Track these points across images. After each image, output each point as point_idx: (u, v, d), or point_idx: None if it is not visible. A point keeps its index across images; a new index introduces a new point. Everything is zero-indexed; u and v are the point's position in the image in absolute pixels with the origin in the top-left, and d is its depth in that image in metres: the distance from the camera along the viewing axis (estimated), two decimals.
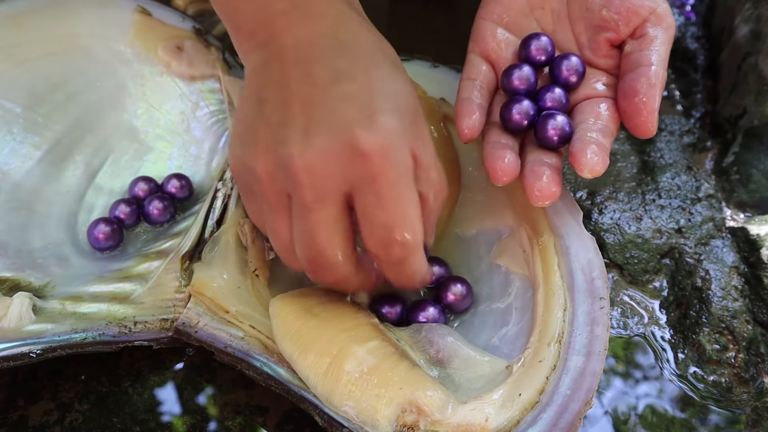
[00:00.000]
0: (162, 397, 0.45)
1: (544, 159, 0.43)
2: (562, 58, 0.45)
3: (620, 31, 0.45)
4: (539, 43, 0.46)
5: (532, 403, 0.40)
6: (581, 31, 0.47)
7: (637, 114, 0.42)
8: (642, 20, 0.44)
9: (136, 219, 0.52)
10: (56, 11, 0.55)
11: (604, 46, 0.46)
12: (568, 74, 0.45)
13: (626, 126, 0.43)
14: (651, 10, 0.44)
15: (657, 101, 0.42)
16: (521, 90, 0.45)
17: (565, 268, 0.44)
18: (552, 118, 0.43)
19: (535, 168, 0.42)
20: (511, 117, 0.44)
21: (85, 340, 0.43)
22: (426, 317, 0.45)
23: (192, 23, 0.58)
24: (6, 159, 0.52)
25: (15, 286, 0.47)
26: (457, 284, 0.45)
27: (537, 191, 0.41)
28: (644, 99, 0.42)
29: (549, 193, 0.41)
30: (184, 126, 0.56)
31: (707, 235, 0.52)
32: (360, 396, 0.39)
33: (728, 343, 0.47)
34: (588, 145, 0.41)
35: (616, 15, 0.45)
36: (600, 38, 0.46)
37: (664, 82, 0.43)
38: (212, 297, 0.45)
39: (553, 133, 0.43)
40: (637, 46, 0.44)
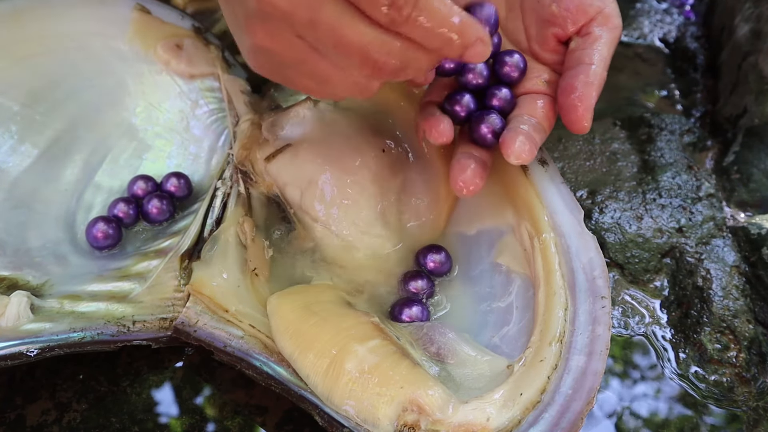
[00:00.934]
0: (161, 397, 0.45)
1: (473, 152, 0.45)
2: (505, 54, 0.46)
3: (567, 27, 0.45)
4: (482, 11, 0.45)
5: (534, 403, 0.39)
6: (531, 23, 0.47)
7: (572, 110, 0.43)
8: (589, 19, 0.45)
9: (134, 218, 0.52)
10: (55, 9, 0.54)
11: (551, 41, 0.46)
12: (509, 70, 0.46)
13: (563, 121, 0.44)
14: (599, 10, 0.45)
15: (593, 99, 0.43)
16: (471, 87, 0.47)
17: (566, 267, 0.44)
18: (486, 115, 0.44)
19: (462, 160, 0.44)
20: (453, 110, 0.46)
21: (84, 340, 0.43)
22: (410, 316, 0.45)
23: (191, 21, 0.58)
24: (4, 157, 0.51)
25: (13, 285, 0.47)
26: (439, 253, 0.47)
27: (461, 182, 0.43)
28: (580, 96, 0.43)
29: (472, 183, 0.43)
30: (183, 124, 0.56)
31: (708, 235, 0.52)
32: (361, 395, 0.39)
33: (729, 343, 0.47)
34: (518, 135, 0.42)
35: (565, 12, 0.45)
36: (547, 33, 0.46)
37: (603, 81, 0.44)
38: (211, 296, 0.44)
39: (486, 131, 0.44)
40: (581, 44, 0.45)
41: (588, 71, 0.44)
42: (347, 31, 0.35)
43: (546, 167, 0.47)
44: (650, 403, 0.45)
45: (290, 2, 0.35)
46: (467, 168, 0.44)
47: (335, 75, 0.38)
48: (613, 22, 0.45)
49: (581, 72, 0.44)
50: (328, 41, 0.36)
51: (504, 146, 0.42)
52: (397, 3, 0.34)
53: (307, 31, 0.36)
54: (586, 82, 0.43)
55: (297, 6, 0.35)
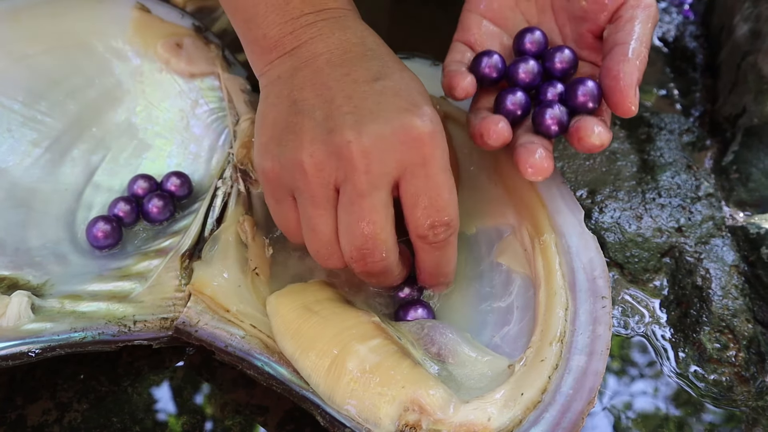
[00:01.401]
0: (162, 397, 0.45)
1: (534, 140, 0.43)
2: (555, 50, 0.45)
3: (599, 20, 0.45)
4: (533, 37, 0.46)
5: (535, 403, 0.40)
6: (564, 22, 0.47)
7: (613, 93, 0.41)
8: (618, 5, 0.44)
9: (135, 217, 0.52)
10: (55, 8, 0.54)
11: (587, 38, 0.46)
12: (561, 66, 0.45)
13: (608, 105, 0.43)
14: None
15: (635, 77, 0.41)
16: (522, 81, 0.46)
17: (566, 267, 0.44)
18: (549, 107, 0.43)
19: (527, 145, 0.42)
20: (506, 106, 0.44)
21: (85, 340, 0.43)
22: (414, 317, 0.45)
23: (191, 20, 0.58)
24: (4, 156, 0.51)
25: (13, 285, 0.47)
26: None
27: (530, 167, 0.41)
28: (621, 76, 0.41)
29: (542, 168, 0.41)
30: (183, 123, 0.56)
31: (707, 234, 0.52)
32: (362, 394, 0.39)
33: (729, 342, 0.47)
34: (591, 122, 0.41)
35: (594, 4, 0.44)
36: (582, 29, 0.46)
37: (644, 60, 0.42)
38: (212, 296, 0.44)
39: (551, 122, 0.43)
40: (613, 29, 0.44)
41: (625, 51, 0.42)
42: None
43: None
44: (649, 402, 0.45)
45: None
46: (535, 152, 0.41)
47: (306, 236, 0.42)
48: (644, 2, 0.43)
49: (618, 53, 0.42)
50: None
51: (581, 131, 0.41)
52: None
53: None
54: (623, 60, 0.41)
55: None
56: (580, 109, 0.43)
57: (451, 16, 0.60)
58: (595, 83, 0.43)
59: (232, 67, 0.58)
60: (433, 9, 0.69)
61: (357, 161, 0.38)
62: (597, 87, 0.43)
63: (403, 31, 0.50)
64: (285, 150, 0.40)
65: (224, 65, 0.57)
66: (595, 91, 0.43)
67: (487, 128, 0.42)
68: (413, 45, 0.57)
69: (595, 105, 0.43)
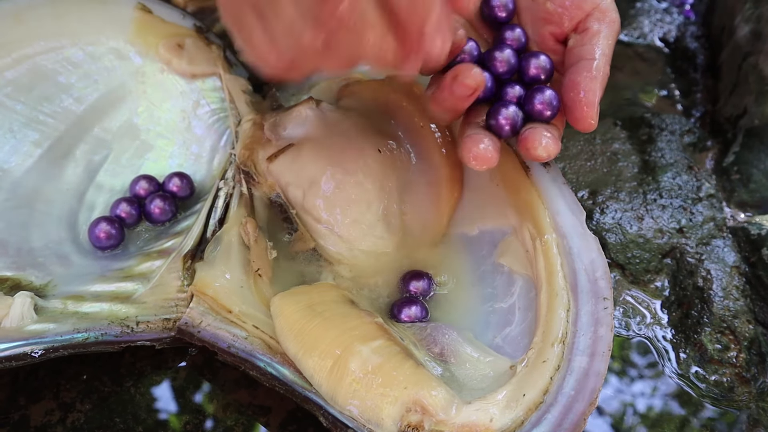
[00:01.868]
0: (164, 397, 0.45)
1: (482, 132, 0.42)
2: (531, 56, 0.45)
3: (563, 25, 0.45)
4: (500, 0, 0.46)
5: (537, 404, 0.40)
6: (527, 22, 0.47)
7: (576, 107, 0.42)
8: (585, 14, 0.44)
9: (137, 218, 0.52)
10: (57, 8, 0.54)
11: (548, 40, 0.46)
12: (536, 72, 0.44)
13: (568, 120, 0.43)
14: (594, 5, 0.44)
15: (597, 94, 0.42)
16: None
17: (568, 269, 0.44)
18: (505, 107, 0.42)
19: (474, 136, 0.41)
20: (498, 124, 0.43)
21: (88, 340, 0.43)
22: (409, 316, 0.45)
23: (193, 21, 0.58)
24: (6, 157, 0.51)
25: (16, 286, 0.47)
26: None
27: (473, 157, 0.41)
28: (584, 92, 0.41)
29: (485, 158, 0.41)
30: (185, 124, 0.56)
31: (708, 235, 0.52)
32: (365, 395, 0.39)
33: (730, 343, 0.47)
34: (541, 130, 0.41)
35: (560, 8, 0.44)
36: (544, 32, 0.46)
37: (606, 77, 0.43)
38: (215, 296, 0.44)
39: (504, 122, 0.42)
40: (579, 40, 0.44)
41: (590, 66, 0.42)
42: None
43: (548, 168, 0.47)
44: (651, 403, 0.46)
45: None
46: (479, 142, 0.41)
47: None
48: (610, 16, 0.44)
49: (583, 68, 0.42)
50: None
51: (528, 141, 0.41)
52: None
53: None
54: (589, 78, 0.42)
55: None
56: (537, 116, 0.43)
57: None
58: (554, 93, 0.43)
59: (234, 67, 0.58)
60: None
61: None
62: (556, 97, 0.43)
63: None
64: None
65: (226, 66, 0.57)
66: (554, 101, 0.42)
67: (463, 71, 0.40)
68: None
69: (552, 114, 0.43)
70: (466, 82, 0.40)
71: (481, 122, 0.43)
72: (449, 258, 0.49)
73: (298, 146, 0.49)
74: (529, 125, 0.42)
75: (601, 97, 0.42)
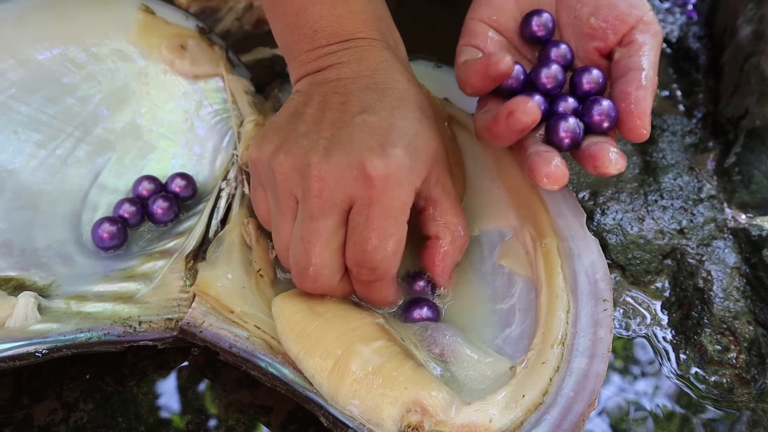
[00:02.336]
0: (166, 397, 0.45)
1: (547, 148, 0.42)
2: (583, 71, 0.45)
3: (608, 39, 0.45)
4: (540, 20, 0.46)
5: (536, 405, 0.40)
6: (570, 38, 0.47)
7: (629, 117, 0.42)
8: (629, 28, 0.44)
9: (140, 218, 0.52)
10: (60, 10, 0.55)
11: (593, 55, 0.46)
12: (590, 87, 0.44)
13: (619, 131, 0.43)
14: (638, 18, 0.44)
15: (649, 104, 0.42)
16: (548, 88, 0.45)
17: (568, 270, 0.44)
18: (564, 119, 0.43)
19: (542, 154, 0.41)
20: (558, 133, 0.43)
21: (91, 340, 0.43)
22: (420, 315, 0.45)
23: (195, 22, 0.58)
24: (11, 158, 0.52)
25: (20, 286, 0.47)
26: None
27: (545, 176, 0.41)
28: (636, 102, 0.42)
29: (557, 177, 0.41)
30: (187, 125, 0.56)
31: (709, 236, 0.52)
32: (365, 395, 0.40)
33: (730, 344, 0.47)
34: (606, 146, 0.41)
35: (604, 23, 0.45)
36: (589, 47, 0.46)
37: (656, 86, 0.43)
38: (216, 296, 0.45)
39: (564, 135, 0.42)
40: (626, 53, 0.44)
41: (640, 76, 0.42)
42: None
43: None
44: (650, 403, 0.46)
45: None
46: (551, 160, 0.41)
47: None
48: (654, 28, 0.44)
49: (633, 78, 0.42)
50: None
51: (598, 159, 0.41)
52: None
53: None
54: (639, 87, 0.42)
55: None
56: (595, 127, 0.43)
57: (455, 17, 0.61)
58: (611, 103, 0.43)
59: (236, 68, 0.58)
60: (437, 10, 0.69)
61: (313, 184, 0.40)
62: (613, 108, 0.42)
63: (406, 32, 0.50)
64: (268, 150, 0.42)
65: (228, 67, 0.57)
66: (612, 112, 0.42)
67: (519, 106, 0.40)
68: (416, 46, 0.57)
69: (610, 125, 0.43)
70: (523, 119, 0.40)
71: (539, 137, 0.44)
72: None
73: None
74: (590, 138, 0.43)
75: (651, 107, 0.42)
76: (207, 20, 0.66)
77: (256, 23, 0.69)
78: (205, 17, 0.68)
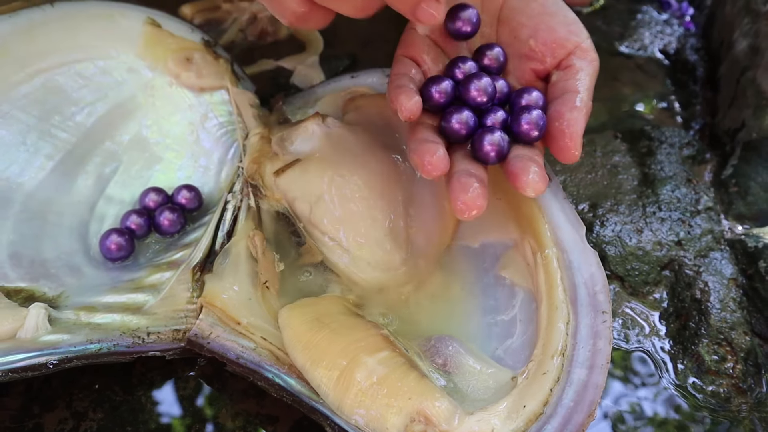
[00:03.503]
0: (174, 406, 0.46)
1: (471, 170, 0.42)
2: (522, 91, 0.45)
3: (546, 62, 0.46)
4: (464, 14, 0.46)
5: (537, 415, 0.41)
6: (508, 57, 0.47)
7: (560, 137, 0.42)
8: (567, 53, 0.45)
9: (147, 229, 0.53)
10: (68, 23, 0.55)
11: (529, 75, 0.47)
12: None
13: (550, 150, 0.43)
14: (576, 44, 0.46)
15: (581, 126, 0.42)
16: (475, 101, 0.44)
17: (568, 282, 0.45)
18: (490, 132, 0.43)
19: (462, 179, 0.41)
20: (451, 126, 0.43)
21: (100, 351, 0.44)
22: (528, 101, 0.44)
23: (201, 35, 0.59)
24: (20, 170, 0.53)
25: (29, 297, 0.48)
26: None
27: (461, 203, 0.40)
28: (569, 123, 0.42)
29: (474, 206, 0.40)
30: (193, 137, 0.57)
31: (706, 248, 0.53)
32: (370, 405, 0.41)
33: (727, 354, 0.48)
34: (529, 164, 0.41)
35: (543, 46, 0.46)
36: (525, 67, 0.47)
37: (590, 110, 0.44)
38: (223, 308, 0.46)
39: (490, 149, 0.42)
40: (563, 76, 0.45)
41: (574, 98, 0.43)
42: None
43: (548, 182, 0.48)
44: (648, 413, 0.47)
45: None
46: (469, 187, 0.40)
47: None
48: (591, 55, 0.45)
49: (568, 100, 0.43)
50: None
51: (517, 179, 0.41)
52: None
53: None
54: (573, 108, 0.42)
55: None
56: (524, 137, 0.43)
57: None
58: (540, 113, 0.43)
59: (241, 81, 0.59)
60: None
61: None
62: (542, 117, 0.43)
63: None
64: None
65: (233, 79, 0.58)
66: (541, 121, 0.43)
67: (422, 157, 0.40)
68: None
69: (539, 134, 0.43)
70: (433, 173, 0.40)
71: (469, 150, 0.44)
72: (453, 268, 0.50)
73: (305, 161, 0.50)
74: (517, 150, 0.43)
75: (584, 130, 0.43)
76: (211, 32, 0.67)
77: (260, 35, 0.70)
78: (209, 29, 0.69)
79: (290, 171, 0.50)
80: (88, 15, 0.57)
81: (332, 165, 0.50)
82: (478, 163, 0.43)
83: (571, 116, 0.42)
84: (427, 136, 0.43)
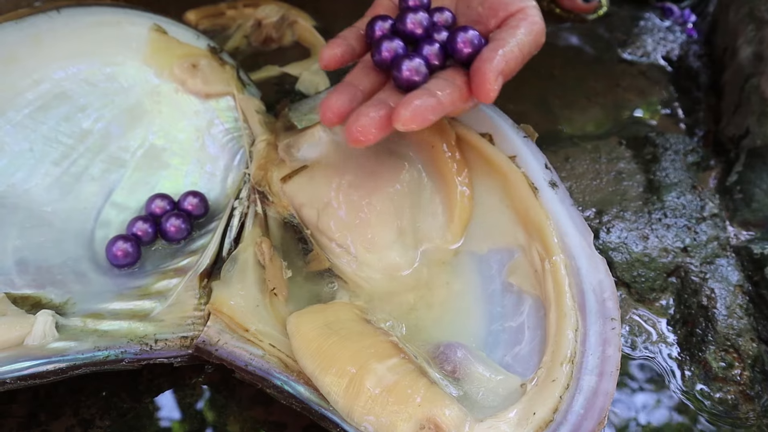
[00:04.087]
0: (181, 414, 0.46)
1: (381, 98, 0.43)
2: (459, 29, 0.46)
3: (489, 24, 0.47)
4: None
5: (546, 422, 0.41)
6: (462, 24, 0.48)
7: (476, 74, 0.43)
8: (508, 14, 0.46)
9: (153, 236, 0.53)
10: (75, 30, 0.55)
11: None
12: (462, 46, 0.45)
13: (473, 92, 0.43)
14: (519, 8, 0.46)
15: (499, 68, 0.42)
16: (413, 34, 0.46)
17: (576, 289, 0.45)
18: (409, 58, 0.44)
19: (362, 108, 0.42)
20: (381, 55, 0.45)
21: (108, 358, 0.44)
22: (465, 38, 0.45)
23: (207, 41, 0.59)
24: (27, 176, 0.52)
25: (36, 304, 0.48)
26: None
27: (356, 130, 0.41)
28: (488, 61, 0.43)
29: (363, 133, 0.41)
30: (199, 143, 0.57)
31: (712, 254, 0.54)
32: (380, 412, 0.40)
33: (734, 361, 0.48)
34: (416, 98, 0.41)
35: (488, 10, 0.47)
36: None
37: (517, 62, 0.44)
38: (231, 315, 0.45)
39: (408, 74, 0.43)
40: (498, 33, 0.46)
41: (500, 44, 0.44)
42: None
43: (556, 189, 0.48)
44: (656, 420, 0.47)
45: None
46: (366, 115, 0.41)
47: None
48: (532, 19, 0.46)
49: (495, 46, 0.44)
50: None
51: (396, 107, 0.41)
52: None
53: None
54: (495, 50, 0.43)
55: None
56: (458, 55, 0.44)
57: None
58: (475, 32, 0.44)
59: (247, 87, 0.59)
60: None
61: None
62: (478, 37, 0.44)
63: None
64: None
65: (239, 86, 0.58)
66: (476, 40, 0.44)
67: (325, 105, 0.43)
68: None
69: (471, 52, 0.44)
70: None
71: None
72: (459, 275, 0.50)
73: (311, 168, 0.50)
74: (428, 83, 0.43)
75: (507, 77, 0.43)
76: (216, 38, 0.67)
77: (265, 41, 0.70)
78: (214, 35, 0.69)
79: (297, 177, 0.50)
80: (95, 22, 0.57)
81: (339, 171, 0.50)
82: (397, 92, 0.44)
83: (489, 55, 0.43)
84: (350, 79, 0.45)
